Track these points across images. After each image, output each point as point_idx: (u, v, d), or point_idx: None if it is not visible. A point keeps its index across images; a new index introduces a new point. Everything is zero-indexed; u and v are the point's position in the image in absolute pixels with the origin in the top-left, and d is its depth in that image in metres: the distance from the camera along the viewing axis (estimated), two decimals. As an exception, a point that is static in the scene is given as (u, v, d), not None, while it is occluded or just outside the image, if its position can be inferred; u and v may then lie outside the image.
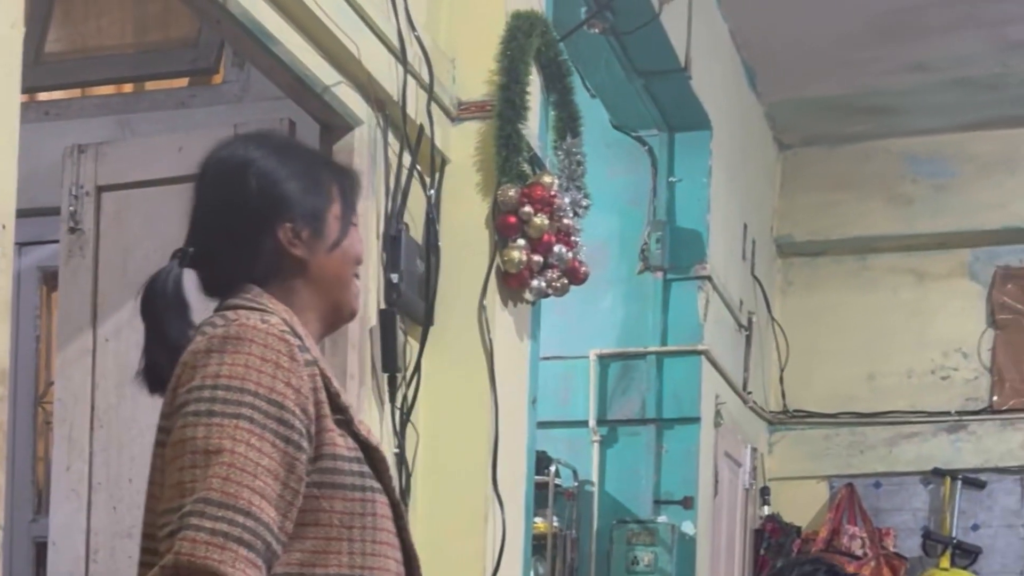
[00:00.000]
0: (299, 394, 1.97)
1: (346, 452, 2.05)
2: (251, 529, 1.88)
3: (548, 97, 4.32)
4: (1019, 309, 7.75)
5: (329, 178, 2.21)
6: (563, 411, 5.97)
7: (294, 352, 1.99)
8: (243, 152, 2.16)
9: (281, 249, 2.12)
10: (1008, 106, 7.44)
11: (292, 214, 2.13)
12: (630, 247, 6.16)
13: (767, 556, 7.31)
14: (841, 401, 7.87)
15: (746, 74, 7.02)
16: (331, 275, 2.17)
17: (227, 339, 1.97)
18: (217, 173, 2.16)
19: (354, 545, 2.03)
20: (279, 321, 2.04)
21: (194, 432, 1.91)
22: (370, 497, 2.06)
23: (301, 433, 1.97)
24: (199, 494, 1.87)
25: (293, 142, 2.32)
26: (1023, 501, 7.60)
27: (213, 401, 1.92)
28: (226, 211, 2.14)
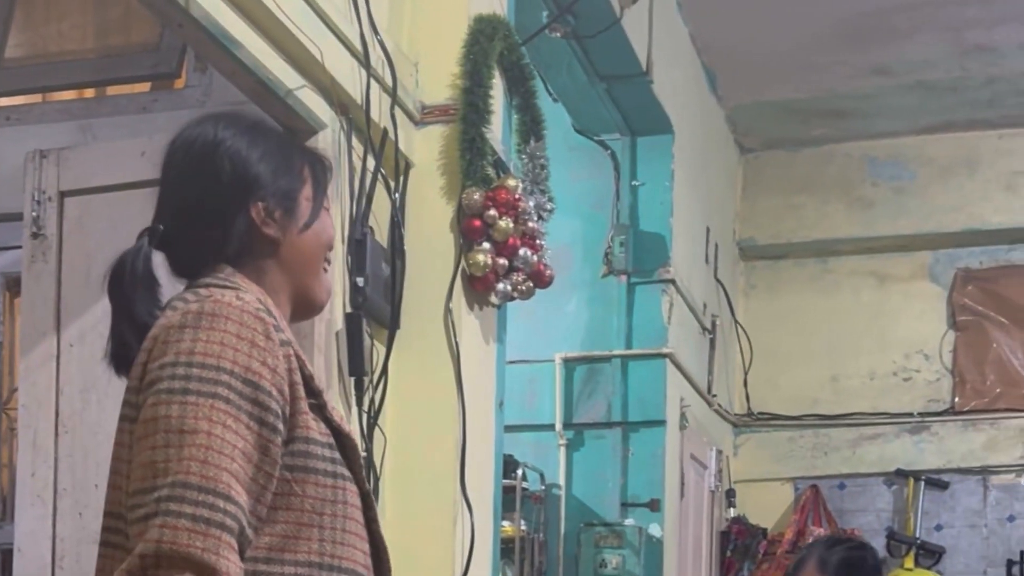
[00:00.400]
0: (275, 374, 1.94)
1: (319, 437, 2.01)
2: (231, 514, 1.85)
3: (511, 101, 4.33)
4: (979, 311, 7.80)
5: (301, 159, 2.20)
6: (529, 415, 5.96)
7: (270, 331, 1.95)
8: (213, 132, 2.13)
9: (254, 228, 2.10)
10: (967, 109, 7.49)
11: (264, 193, 2.11)
12: (594, 251, 6.17)
13: (733, 558, 7.32)
14: (805, 403, 7.90)
15: (707, 78, 7.04)
16: (302, 257, 2.15)
17: (202, 315, 1.93)
18: (188, 153, 2.14)
19: (324, 532, 1.99)
20: (254, 299, 2.01)
21: (167, 410, 1.86)
22: (341, 484, 2.03)
23: (276, 415, 1.93)
24: (176, 477, 1.83)
25: (263, 123, 2.27)
26: (985, 501, 7.64)
27: (188, 379, 1.87)
28: (197, 191, 2.11)
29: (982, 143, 7.76)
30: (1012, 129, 7.70)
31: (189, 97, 3.88)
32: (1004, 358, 7.73)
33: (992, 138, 7.75)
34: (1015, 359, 7.73)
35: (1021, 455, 7.61)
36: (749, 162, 8.04)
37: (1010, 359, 7.73)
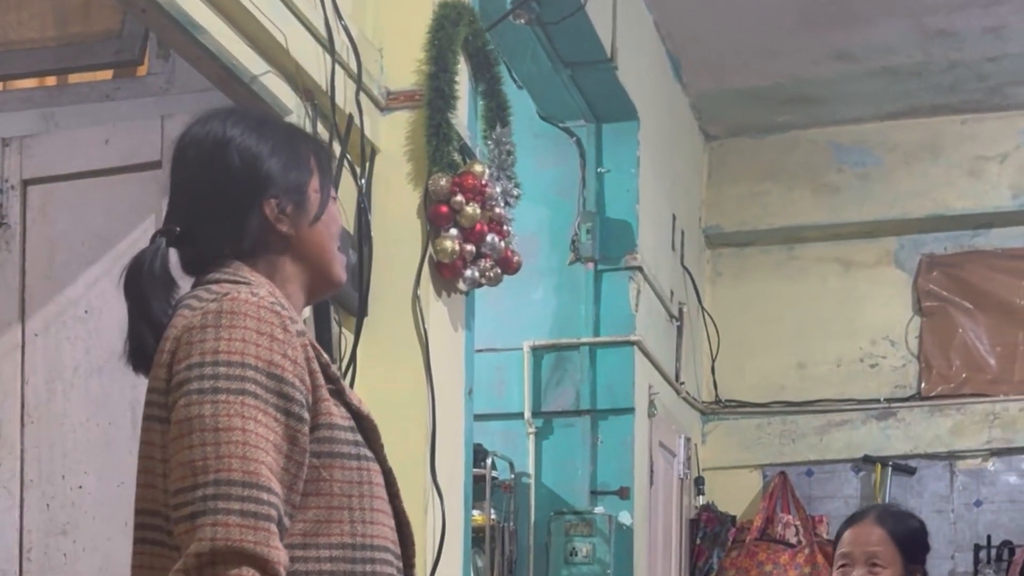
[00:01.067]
0: (296, 365, 2.00)
1: (341, 421, 2.07)
2: (274, 504, 1.92)
3: (476, 87, 4.31)
4: (945, 296, 7.82)
5: (307, 151, 2.23)
6: (498, 403, 5.95)
7: (286, 323, 2.01)
8: (222, 129, 2.16)
9: (267, 225, 2.15)
10: (931, 94, 7.51)
11: (276, 190, 2.15)
12: (560, 238, 6.15)
13: (703, 546, 7.33)
14: (772, 391, 7.91)
15: (671, 65, 7.03)
16: (315, 248, 2.20)
17: (221, 314, 1.99)
18: (198, 152, 2.17)
19: (354, 514, 2.06)
20: (267, 293, 2.06)
21: (200, 410, 1.92)
22: (365, 466, 2.09)
23: (301, 404, 2.00)
24: (219, 474, 1.89)
25: (268, 117, 2.31)
26: (952, 486, 7.66)
27: (216, 378, 1.93)
28: (210, 190, 2.15)
29: (945, 128, 7.78)
30: (974, 114, 7.72)
31: (152, 84, 3.84)
32: (969, 343, 7.76)
33: (955, 123, 7.77)
34: (980, 344, 7.76)
35: (987, 440, 7.64)
36: (714, 149, 8.04)
37: (975, 344, 7.76)
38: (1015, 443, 7.62)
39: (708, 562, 7.32)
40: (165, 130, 3.53)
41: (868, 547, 3.53)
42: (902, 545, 3.55)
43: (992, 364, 7.72)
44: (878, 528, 3.56)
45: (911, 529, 3.63)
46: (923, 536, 3.67)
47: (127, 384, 3.51)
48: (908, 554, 3.55)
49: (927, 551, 3.69)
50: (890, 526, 3.57)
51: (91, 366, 3.55)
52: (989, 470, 7.66)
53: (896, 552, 3.53)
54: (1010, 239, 7.83)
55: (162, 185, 3.53)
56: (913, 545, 3.59)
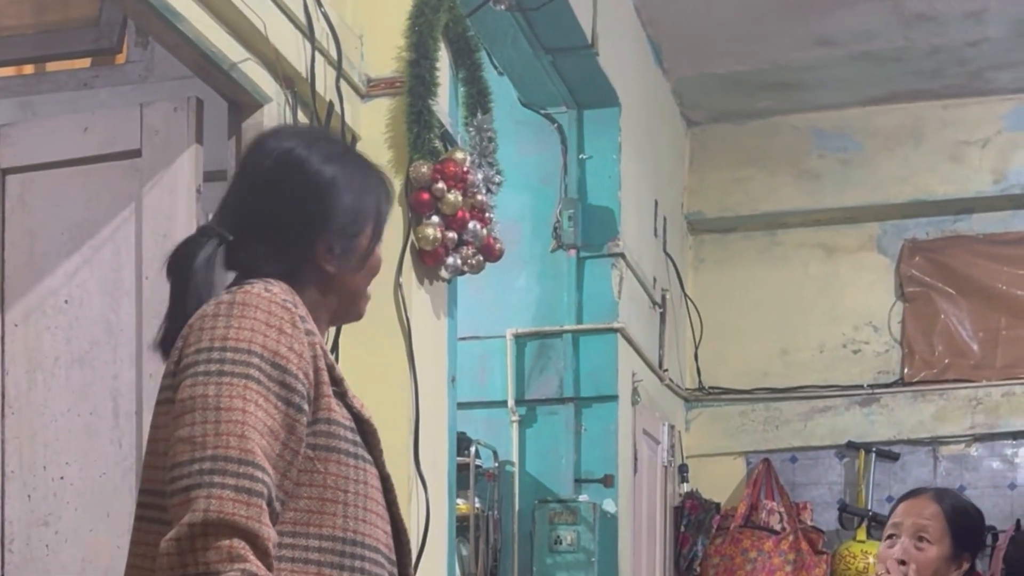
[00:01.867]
0: (301, 359, 2.05)
1: (342, 420, 2.12)
2: (267, 483, 1.96)
3: (457, 73, 4.29)
4: (927, 282, 7.83)
5: (373, 196, 2.27)
6: (481, 391, 5.92)
7: (296, 320, 2.07)
8: (304, 154, 2.21)
9: (313, 261, 2.21)
10: (912, 79, 7.50)
11: (331, 231, 2.20)
12: (542, 225, 6.12)
13: (687, 533, 7.33)
14: (755, 377, 7.91)
15: (652, 51, 7.01)
16: (351, 289, 2.28)
17: (233, 304, 2.05)
18: (275, 167, 2.21)
19: (348, 509, 2.09)
20: (281, 290, 2.11)
21: (204, 390, 1.97)
22: (362, 466, 2.13)
23: (302, 396, 2.04)
24: (217, 450, 1.94)
25: (349, 152, 2.34)
26: (935, 472, 7.67)
27: (223, 362, 1.99)
28: (272, 209, 2.20)
29: (927, 113, 7.78)
30: (956, 99, 7.71)
31: (131, 72, 3.83)
32: (952, 329, 7.76)
33: (936, 108, 7.77)
34: (963, 330, 7.76)
35: (970, 425, 7.65)
36: (696, 135, 8.03)
37: (958, 329, 7.76)
38: (998, 428, 7.63)
39: (692, 549, 7.32)
40: (144, 118, 3.51)
41: (920, 519, 3.51)
42: (954, 526, 3.52)
43: (975, 349, 7.73)
44: (934, 504, 3.55)
45: (967, 514, 3.59)
46: (978, 524, 3.63)
47: (108, 374, 3.50)
48: (958, 537, 3.52)
49: (980, 542, 3.66)
50: (946, 505, 3.55)
51: (72, 356, 3.53)
52: (972, 455, 7.67)
53: (946, 531, 3.50)
54: (992, 224, 7.83)
55: (143, 173, 3.51)
56: (965, 530, 3.55)
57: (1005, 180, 7.68)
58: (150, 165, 3.51)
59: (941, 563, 3.50)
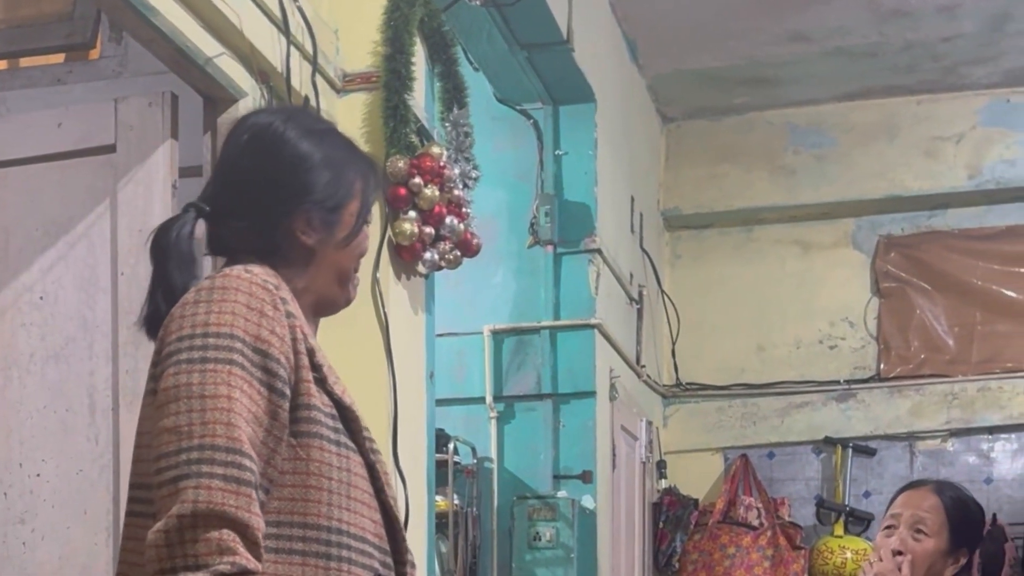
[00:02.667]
0: (283, 342, 2.03)
1: (322, 406, 2.08)
2: (254, 471, 1.94)
3: (433, 68, 4.28)
4: (902, 277, 7.85)
5: (355, 173, 2.24)
6: (459, 388, 5.91)
7: (276, 301, 2.04)
8: (281, 128, 2.18)
9: (292, 234, 2.16)
10: (886, 75, 7.51)
11: (312, 203, 2.17)
12: (519, 221, 6.11)
13: (666, 529, 7.33)
14: (733, 373, 7.91)
15: (627, 47, 7.01)
16: (334, 268, 2.21)
17: (213, 289, 2.02)
18: (251, 141, 2.19)
19: (332, 497, 2.06)
20: (261, 271, 2.08)
21: (188, 378, 1.95)
22: (344, 453, 2.09)
23: (284, 381, 2.01)
24: (204, 439, 1.91)
25: (330, 128, 2.31)
26: (912, 467, 7.68)
27: (205, 348, 1.96)
28: (250, 183, 2.17)
29: (901, 109, 7.80)
30: (930, 95, 7.73)
31: (104, 68, 3.81)
32: (927, 324, 7.78)
33: (911, 104, 7.79)
34: (938, 325, 7.78)
35: (946, 421, 7.67)
36: (671, 131, 8.03)
37: (933, 325, 7.78)
38: (973, 423, 7.65)
39: (671, 545, 7.33)
40: (119, 113, 3.49)
41: (918, 511, 3.48)
42: (952, 520, 3.49)
43: (950, 345, 7.75)
44: (933, 496, 3.51)
45: (966, 508, 3.56)
46: (978, 519, 3.59)
47: (84, 371, 3.48)
48: (956, 531, 3.48)
49: (979, 537, 3.61)
50: (946, 498, 3.52)
51: (47, 352, 3.51)
52: (948, 451, 7.69)
53: (945, 524, 3.47)
54: (966, 219, 7.85)
55: (117, 169, 3.49)
56: (964, 524, 3.52)
57: (980, 175, 7.70)
58: (125, 161, 3.49)
59: (938, 556, 3.47)
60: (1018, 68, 7.44)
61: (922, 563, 3.46)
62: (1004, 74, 7.51)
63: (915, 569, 3.45)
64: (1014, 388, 7.62)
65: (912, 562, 3.45)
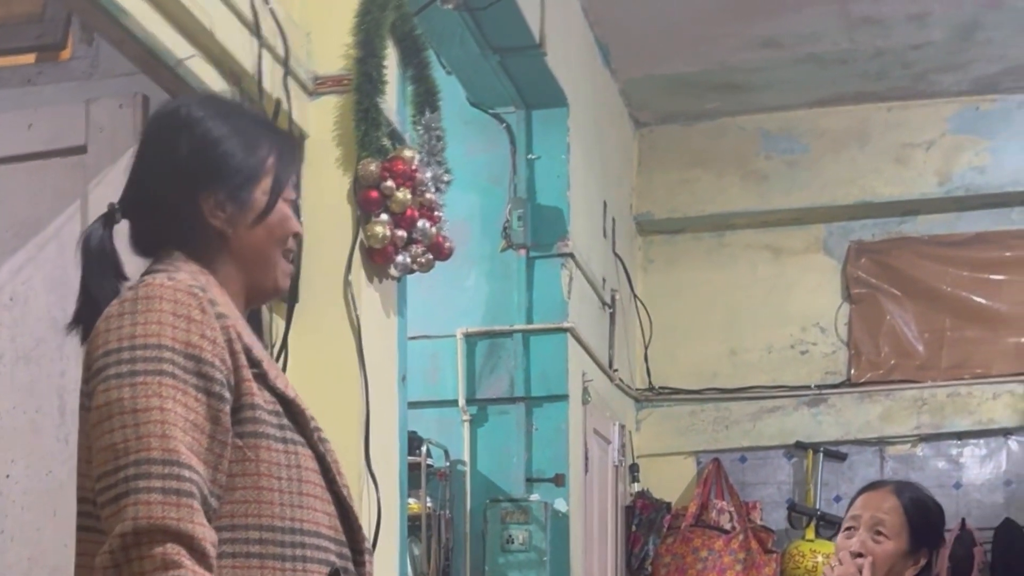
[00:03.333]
0: (215, 345, 1.98)
1: (264, 404, 2.04)
2: (196, 482, 1.90)
3: (405, 71, 4.28)
4: (873, 283, 7.88)
5: (268, 149, 2.17)
6: (432, 391, 5.91)
7: (204, 304, 1.99)
8: (185, 112, 2.13)
9: (201, 218, 2.11)
10: (857, 81, 7.55)
11: (218, 185, 2.10)
12: (492, 225, 6.11)
13: (639, 532, 7.34)
14: (705, 377, 7.93)
15: (600, 52, 7.03)
16: (253, 251, 2.15)
17: (136, 300, 1.97)
18: (156, 129, 2.15)
19: (284, 496, 2.03)
20: (186, 276, 2.03)
21: (119, 393, 1.91)
22: (293, 449, 2.06)
23: (222, 384, 1.97)
24: (140, 455, 1.87)
25: (238, 107, 2.28)
26: (882, 472, 7.70)
27: (133, 362, 1.92)
28: (155, 171, 2.13)
29: (872, 116, 7.84)
30: (900, 102, 7.78)
31: (75, 69, 3.78)
32: (898, 330, 7.82)
33: (882, 110, 7.83)
34: (908, 331, 7.82)
35: (916, 426, 7.70)
36: (644, 136, 8.04)
37: (904, 331, 7.82)
38: (943, 428, 7.69)
39: (644, 549, 7.34)
40: (90, 115, 3.49)
41: (878, 513, 3.48)
42: (912, 521, 3.49)
43: (920, 350, 7.79)
44: (893, 498, 3.52)
45: (926, 509, 3.56)
46: (937, 519, 3.60)
47: (55, 372, 3.47)
48: (916, 532, 3.49)
49: (939, 538, 3.62)
50: (905, 499, 3.52)
51: (16, 353, 3.50)
52: (918, 455, 7.72)
53: (904, 526, 3.48)
54: (936, 226, 7.90)
55: (88, 170, 3.49)
56: (924, 525, 3.52)
57: (949, 182, 7.75)
58: (96, 162, 3.48)
59: (898, 558, 3.48)
60: (987, 76, 7.48)
61: (882, 565, 3.46)
62: (973, 82, 7.55)
63: (875, 571, 3.46)
64: (983, 394, 7.66)
65: (872, 564, 3.45)
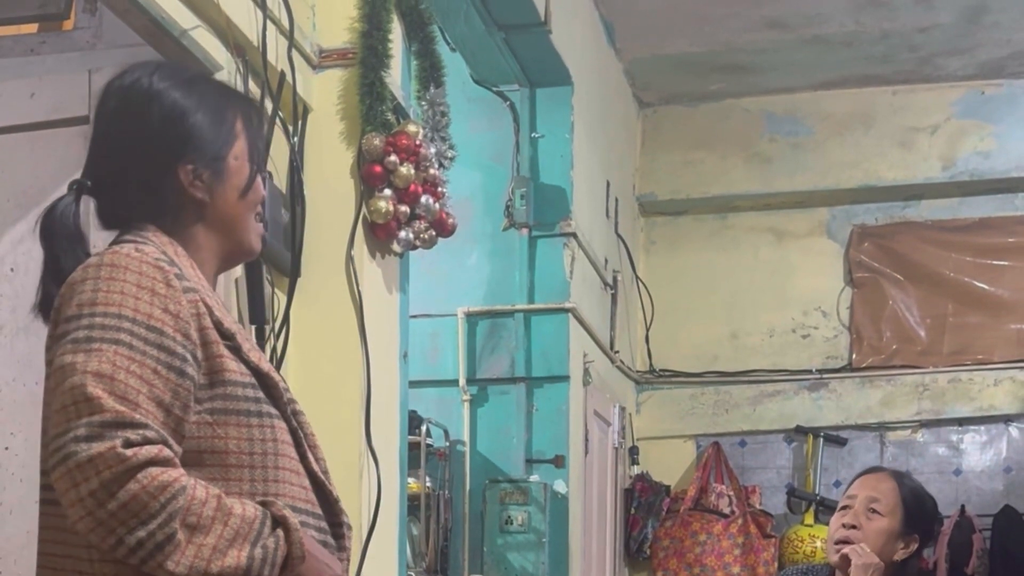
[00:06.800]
0: (178, 319, 1.96)
1: (239, 378, 2.02)
2: (153, 429, 1.86)
3: (410, 46, 4.25)
4: (875, 267, 7.86)
5: (234, 114, 2.16)
6: (432, 370, 5.89)
7: (170, 278, 1.97)
8: (147, 83, 2.10)
9: (181, 190, 2.09)
10: (862, 64, 7.52)
11: (194, 155, 2.09)
12: (494, 203, 6.08)
13: (637, 515, 7.33)
14: (706, 360, 7.92)
15: (605, 31, 7.00)
16: (230, 217, 2.14)
17: (101, 267, 1.95)
18: (120, 103, 2.11)
19: (255, 472, 2.00)
20: (153, 249, 2.01)
21: (74, 359, 1.87)
22: (268, 423, 2.04)
23: (184, 359, 1.94)
24: (91, 417, 1.83)
25: (198, 74, 2.24)
26: (882, 457, 7.71)
27: (91, 328, 1.89)
28: (126, 145, 2.10)
29: (877, 99, 7.81)
30: (906, 85, 7.75)
31: (79, 39, 3.76)
32: (900, 315, 7.80)
33: (887, 94, 7.80)
34: (910, 316, 7.79)
35: (916, 411, 7.69)
36: (648, 117, 8.01)
37: (905, 316, 7.80)
38: (944, 414, 7.68)
39: (643, 531, 7.33)
40: (93, 84, 3.46)
41: (873, 492, 3.55)
42: (907, 503, 3.55)
43: (922, 335, 7.77)
44: (889, 480, 3.59)
45: (922, 496, 3.63)
46: (932, 509, 3.66)
47: (54, 344, 3.44)
48: (910, 514, 3.55)
49: (931, 529, 3.68)
50: (902, 483, 3.60)
51: (17, 325, 3.48)
52: (919, 441, 7.71)
53: (898, 506, 3.54)
54: (940, 211, 7.88)
55: (89, 140, 3.45)
56: (917, 508, 3.58)
57: (954, 167, 7.72)
58: (98, 132, 3.44)
59: (890, 536, 3.53)
60: (993, 60, 7.45)
61: (876, 539, 3.52)
62: (979, 66, 7.52)
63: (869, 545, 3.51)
64: (984, 380, 7.65)
65: (865, 538, 3.54)
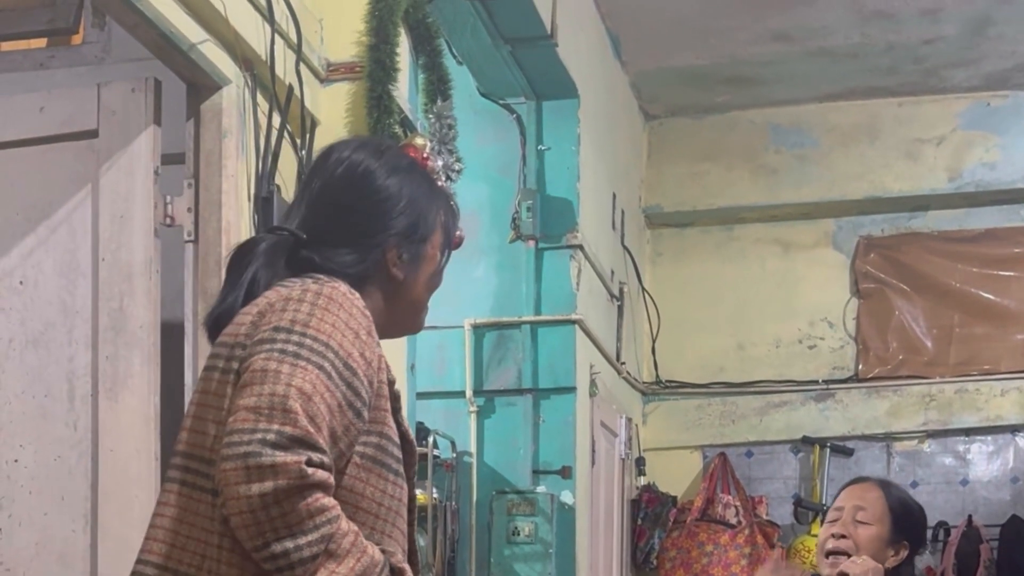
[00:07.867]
0: (369, 367, 2.09)
1: (392, 436, 2.15)
2: (329, 456, 1.98)
3: (417, 59, 4.27)
4: (882, 278, 7.87)
5: (438, 207, 2.33)
6: (439, 381, 5.90)
7: (372, 328, 2.13)
8: (374, 163, 2.27)
9: (383, 265, 2.25)
10: (868, 76, 7.53)
11: (400, 238, 2.25)
12: (501, 216, 6.10)
13: (644, 526, 7.34)
14: (712, 371, 7.93)
15: (611, 43, 7.01)
16: (414, 297, 2.31)
17: (320, 295, 2.09)
18: (346, 176, 2.27)
19: (377, 522, 2.11)
20: (360, 298, 2.15)
21: (279, 366, 1.98)
22: (400, 484, 2.16)
23: (364, 403, 2.07)
24: (283, 427, 1.93)
25: (413, 163, 2.38)
26: (889, 468, 7.71)
27: (301, 346, 2.01)
28: (346, 214, 2.25)
29: (883, 111, 7.82)
30: (911, 97, 7.76)
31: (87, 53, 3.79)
32: (906, 325, 7.80)
33: (892, 105, 7.81)
34: (916, 326, 7.80)
35: (923, 422, 7.70)
36: (654, 129, 8.03)
37: (912, 326, 7.80)
38: (950, 425, 7.69)
39: (649, 542, 7.33)
40: (102, 98, 3.47)
41: (860, 501, 3.54)
42: (894, 510, 3.55)
43: (928, 346, 7.78)
44: (877, 489, 3.59)
45: (909, 504, 3.63)
46: (918, 515, 3.66)
47: (63, 356, 3.46)
48: (898, 521, 3.55)
49: (919, 535, 3.67)
50: (888, 492, 3.60)
51: (26, 338, 3.49)
52: (925, 452, 7.72)
53: (886, 514, 3.54)
54: (946, 222, 7.89)
55: (99, 154, 3.47)
56: (905, 516, 3.58)
57: (960, 178, 7.73)
58: (107, 146, 3.47)
59: (880, 543, 3.53)
60: (998, 72, 7.46)
61: (867, 546, 3.51)
62: (984, 77, 7.54)
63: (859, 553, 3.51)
64: (991, 390, 7.65)
65: (855, 545, 3.52)
